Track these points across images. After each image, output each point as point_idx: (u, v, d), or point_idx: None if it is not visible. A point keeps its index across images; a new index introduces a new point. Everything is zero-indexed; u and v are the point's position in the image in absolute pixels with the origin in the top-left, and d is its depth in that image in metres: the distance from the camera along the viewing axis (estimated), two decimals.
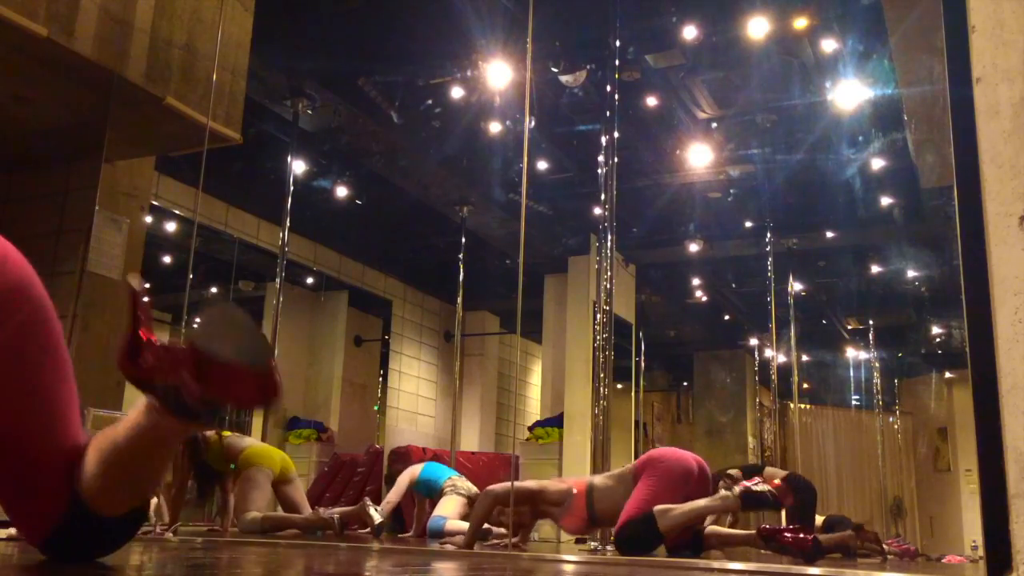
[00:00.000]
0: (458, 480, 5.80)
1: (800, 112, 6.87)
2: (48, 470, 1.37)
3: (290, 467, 5.31)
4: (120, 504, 1.40)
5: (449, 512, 5.47)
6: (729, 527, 4.54)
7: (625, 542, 3.70)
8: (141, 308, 1.28)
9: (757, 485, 3.61)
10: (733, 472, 5.20)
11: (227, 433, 5.15)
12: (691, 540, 3.72)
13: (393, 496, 5.92)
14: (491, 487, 4.01)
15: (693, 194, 8.27)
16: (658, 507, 3.62)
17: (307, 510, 5.26)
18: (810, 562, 3.32)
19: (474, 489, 5.75)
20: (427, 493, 5.83)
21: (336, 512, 5.01)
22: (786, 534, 3.50)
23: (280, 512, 5.30)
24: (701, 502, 3.66)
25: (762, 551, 3.76)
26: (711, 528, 3.95)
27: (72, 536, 1.39)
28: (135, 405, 1.33)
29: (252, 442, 5.32)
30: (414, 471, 5.95)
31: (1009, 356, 1.45)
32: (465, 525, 5.06)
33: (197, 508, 7.55)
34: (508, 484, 3.94)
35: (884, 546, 5.88)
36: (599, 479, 4.03)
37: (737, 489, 3.61)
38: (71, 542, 1.41)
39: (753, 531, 3.71)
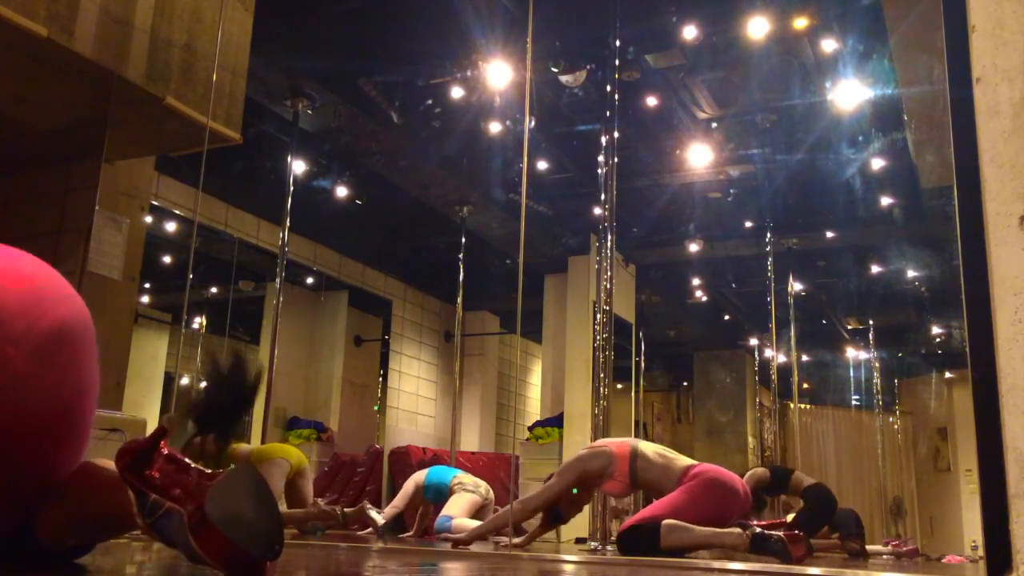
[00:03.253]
0: (464, 476, 5.77)
1: (800, 112, 6.87)
2: (16, 495, 1.35)
3: (304, 460, 5.26)
4: (71, 542, 1.43)
5: (456, 511, 5.46)
6: None
7: (626, 545, 3.68)
8: (165, 439, 1.27)
9: (773, 530, 3.51)
10: (760, 471, 5.19)
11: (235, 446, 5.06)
12: None
13: (399, 502, 5.89)
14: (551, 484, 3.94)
15: (693, 194, 8.27)
16: (668, 522, 3.53)
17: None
18: (797, 562, 3.29)
19: (481, 484, 5.75)
20: (435, 498, 5.78)
21: (341, 508, 5.00)
22: (781, 536, 3.44)
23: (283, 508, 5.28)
24: (710, 533, 3.54)
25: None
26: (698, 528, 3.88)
27: (9, 552, 1.40)
28: (116, 484, 1.31)
29: (257, 445, 5.28)
30: (419, 477, 5.93)
31: (1009, 356, 1.45)
32: (471, 523, 5.08)
33: None
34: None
35: (881, 546, 5.92)
36: (646, 448, 3.92)
37: (751, 530, 3.50)
38: (7, 556, 1.41)
39: (736, 529, 3.61)
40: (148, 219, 4.37)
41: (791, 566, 3.03)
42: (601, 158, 5.84)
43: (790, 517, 5.51)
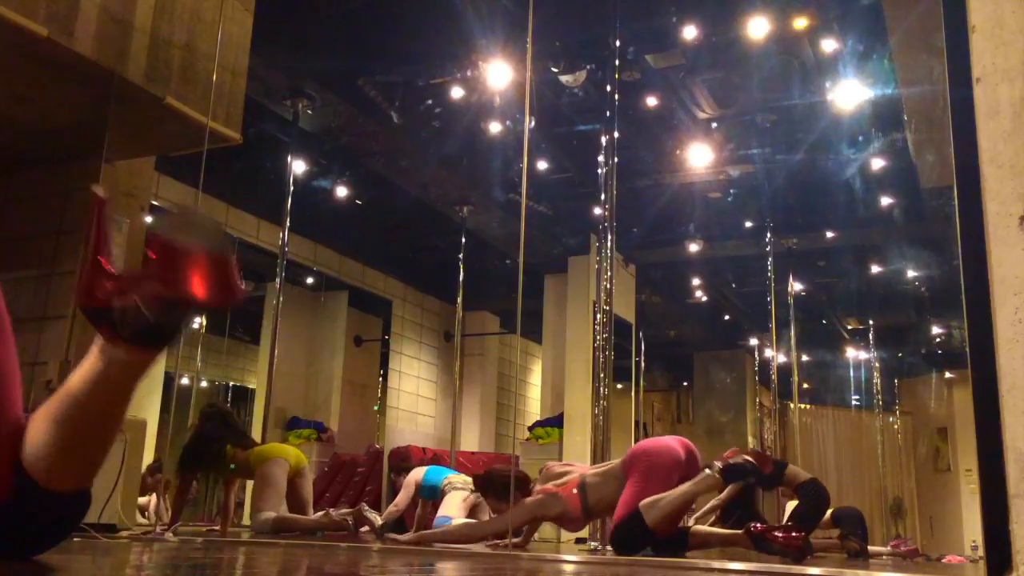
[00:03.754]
0: (454, 477, 5.88)
1: (800, 112, 6.86)
2: None
3: (303, 460, 5.31)
4: (70, 475, 1.34)
5: (453, 511, 5.53)
6: (712, 525, 4.55)
7: (618, 544, 3.70)
8: (105, 225, 1.27)
9: (735, 458, 3.61)
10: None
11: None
12: (677, 537, 3.70)
13: (401, 500, 6.00)
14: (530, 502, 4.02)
15: (693, 194, 8.27)
16: (644, 502, 3.60)
17: (311, 507, 5.27)
18: (798, 561, 3.31)
19: (470, 481, 5.82)
20: (430, 496, 5.91)
21: (348, 513, 5.03)
22: (776, 533, 3.47)
23: (287, 510, 5.30)
24: (684, 487, 3.65)
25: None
26: (696, 527, 3.94)
27: (17, 518, 1.33)
28: (86, 355, 1.29)
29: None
30: (418, 474, 6.05)
31: (1009, 356, 1.45)
32: (469, 523, 5.15)
33: (197, 508, 7.54)
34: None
35: (882, 547, 5.90)
36: (589, 476, 4.02)
37: (717, 465, 3.61)
38: (15, 525, 1.34)
39: (740, 530, 3.67)
40: (148, 219, 4.37)
41: (791, 566, 3.02)
42: (601, 158, 5.83)
43: (790, 506, 5.52)
